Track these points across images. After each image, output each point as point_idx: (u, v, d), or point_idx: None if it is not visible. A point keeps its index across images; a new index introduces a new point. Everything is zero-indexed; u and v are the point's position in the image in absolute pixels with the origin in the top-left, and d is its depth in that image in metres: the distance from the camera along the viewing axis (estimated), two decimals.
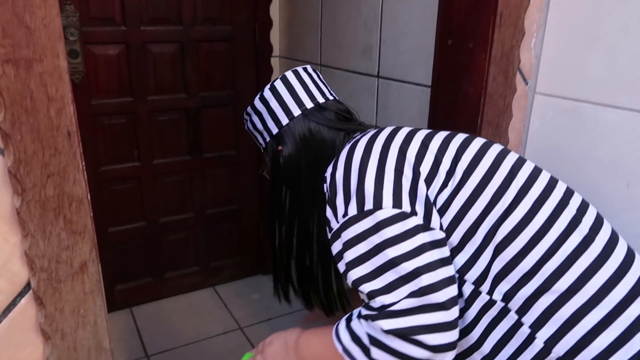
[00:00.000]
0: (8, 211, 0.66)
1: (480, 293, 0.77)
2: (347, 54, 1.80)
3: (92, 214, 0.71)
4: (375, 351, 0.73)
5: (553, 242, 0.75)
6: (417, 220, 0.76)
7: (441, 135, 0.85)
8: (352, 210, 0.77)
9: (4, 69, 0.60)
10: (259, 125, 1.05)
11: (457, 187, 0.79)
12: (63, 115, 0.64)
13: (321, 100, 1.01)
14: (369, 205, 0.76)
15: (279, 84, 1.02)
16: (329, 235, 0.84)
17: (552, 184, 0.80)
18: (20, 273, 0.69)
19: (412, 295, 0.70)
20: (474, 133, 0.98)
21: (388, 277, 0.73)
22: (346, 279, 0.80)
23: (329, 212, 0.84)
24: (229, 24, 2.29)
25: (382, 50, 1.59)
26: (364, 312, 0.75)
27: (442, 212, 0.79)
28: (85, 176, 0.69)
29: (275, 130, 1.02)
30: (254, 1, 2.30)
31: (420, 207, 0.77)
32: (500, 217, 0.77)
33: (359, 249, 0.76)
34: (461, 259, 0.78)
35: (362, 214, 0.76)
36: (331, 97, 1.04)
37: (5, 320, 0.70)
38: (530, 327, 0.74)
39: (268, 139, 1.04)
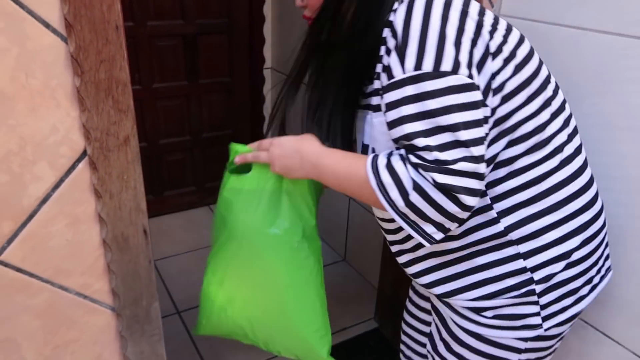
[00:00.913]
0: (70, 90, 0.81)
1: None
2: None
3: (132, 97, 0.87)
4: (415, 196, 0.78)
5: (549, 152, 0.90)
6: (480, 95, 0.78)
7: (502, 20, 0.87)
8: (428, 66, 0.76)
9: None
10: None
11: (515, 70, 0.84)
12: (112, 11, 0.79)
13: None
14: (446, 66, 0.76)
15: None
16: (384, 82, 0.83)
17: (564, 104, 0.95)
18: (78, 142, 0.85)
19: (467, 160, 0.75)
20: None
21: (445, 138, 0.76)
22: (390, 127, 0.82)
23: (391, 59, 0.81)
24: None
25: None
26: (415, 160, 0.78)
27: (496, 91, 0.82)
28: (128, 64, 0.85)
29: None
30: None
31: (482, 82, 0.80)
32: (534, 112, 0.87)
33: (425, 105, 0.76)
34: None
35: (437, 73, 0.76)
36: None
37: (66, 180, 0.87)
38: (497, 213, 0.91)
39: None
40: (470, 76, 0.77)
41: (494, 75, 0.81)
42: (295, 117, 1.06)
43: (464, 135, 0.76)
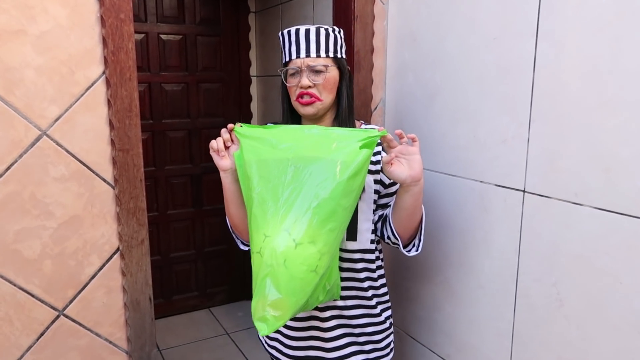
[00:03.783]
0: (113, 214, 1.43)
1: None
2: None
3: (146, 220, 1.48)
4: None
5: None
6: None
7: None
8: None
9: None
10: (340, 41, 1.31)
11: None
12: (139, 171, 1.43)
13: None
14: None
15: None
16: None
17: None
18: (115, 242, 1.45)
19: None
20: None
21: None
22: None
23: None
24: (221, 116, 3.15)
25: None
26: None
27: None
28: (146, 199, 1.47)
29: (344, 55, 1.33)
30: (239, 102, 3.18)
31: None
32: None
33: None
34: None
35: None
36: None
37: (106, 265, 1.45)
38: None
39: (340, 55, 1.30)
40: None
41: None
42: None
43: None
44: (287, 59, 1.30)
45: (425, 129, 1.63)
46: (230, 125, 1.22)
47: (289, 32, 1.30)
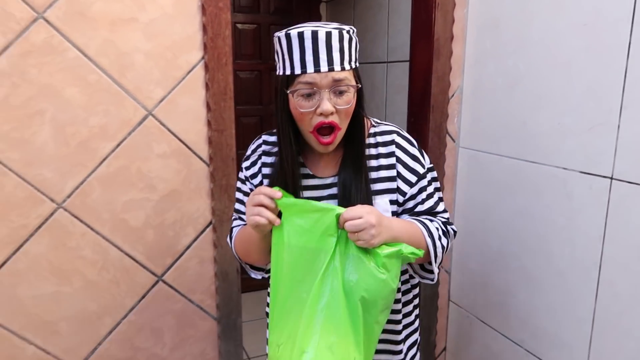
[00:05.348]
0: (207, 190, 1.52)
1: None
2: None
3: None
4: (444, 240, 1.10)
5: None
6: None
7: None
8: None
9: None
10: (354, 48, 1.01)
11: None
12: (231, 150, 1.52)
13: None
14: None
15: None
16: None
17: None
18: (208, 216, 1.54)
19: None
20: None
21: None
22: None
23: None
24: None
25: None
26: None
27: None
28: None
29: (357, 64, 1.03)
30: None
31: None
32: None
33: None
34: None
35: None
36: None
37: (200, 237, 1.55)
38: None
39: (354, 66, 1.01)
40: None
41: None
42: None
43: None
44: (298, 72, 0.96)
45: (505, 116, 1.62)
46: (275, 194, 0.97)
47: (300, 34, 0.95)
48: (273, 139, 1.15)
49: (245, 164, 1.18)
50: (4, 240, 1.34)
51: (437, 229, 1.09)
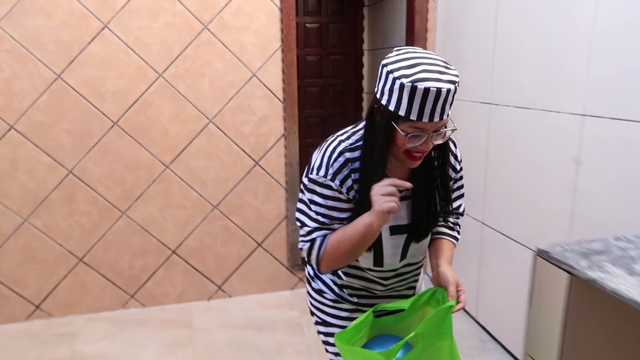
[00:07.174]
0: (281, 116, 2.83)
1: None
2: None
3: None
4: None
5: None
6: None
7: None
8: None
9: None
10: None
11: None
12: (294, 93, 2.81)
13: None
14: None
15: None
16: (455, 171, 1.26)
17: None
18: (280, 131, 2.85)
19: None
20: None
21: None
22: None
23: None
24: (343, 77, 4.47)
25: None
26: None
27: None
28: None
29: None
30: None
31: None
32: None
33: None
34: None
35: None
36: None
37: (276, 145, 2.86)
38: None
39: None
40: None
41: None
42: None
43: None
44: (414, 118, 1.02)
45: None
46: (405, 184, 1.06)
47: (425, 91, 0.99)
48: (354, 155, 1.16)
49: (336, 181, 1.15)
50: (183, 138, 2.73)
51: (458, 232, 1.36)
